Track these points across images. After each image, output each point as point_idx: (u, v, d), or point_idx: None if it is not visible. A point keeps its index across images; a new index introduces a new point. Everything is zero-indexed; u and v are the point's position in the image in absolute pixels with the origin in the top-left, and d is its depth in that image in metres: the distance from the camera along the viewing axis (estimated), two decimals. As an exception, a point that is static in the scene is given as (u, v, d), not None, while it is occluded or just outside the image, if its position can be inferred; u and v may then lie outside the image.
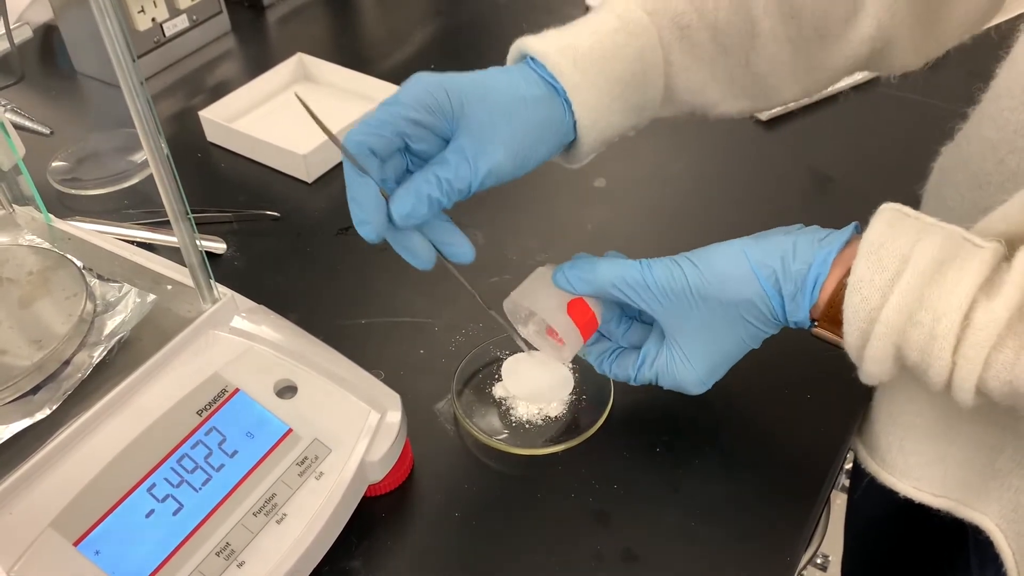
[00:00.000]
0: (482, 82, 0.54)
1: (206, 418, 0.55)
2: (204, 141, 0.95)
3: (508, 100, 0.54)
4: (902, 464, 0.62)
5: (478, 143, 0.52)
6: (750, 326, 0.54)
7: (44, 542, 0.49)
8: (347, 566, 0.57)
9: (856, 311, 0.48)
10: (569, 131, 0.57)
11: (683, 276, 0.54)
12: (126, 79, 0.49)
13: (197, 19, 1.09)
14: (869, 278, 0.48)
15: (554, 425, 0.65)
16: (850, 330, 0.49)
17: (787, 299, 0.52)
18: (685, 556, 0.58)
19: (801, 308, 0.52)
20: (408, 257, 0.56)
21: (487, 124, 0.52)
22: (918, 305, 0.46)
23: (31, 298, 0.59)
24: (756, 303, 0.53)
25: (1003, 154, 0.53)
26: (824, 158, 0.88)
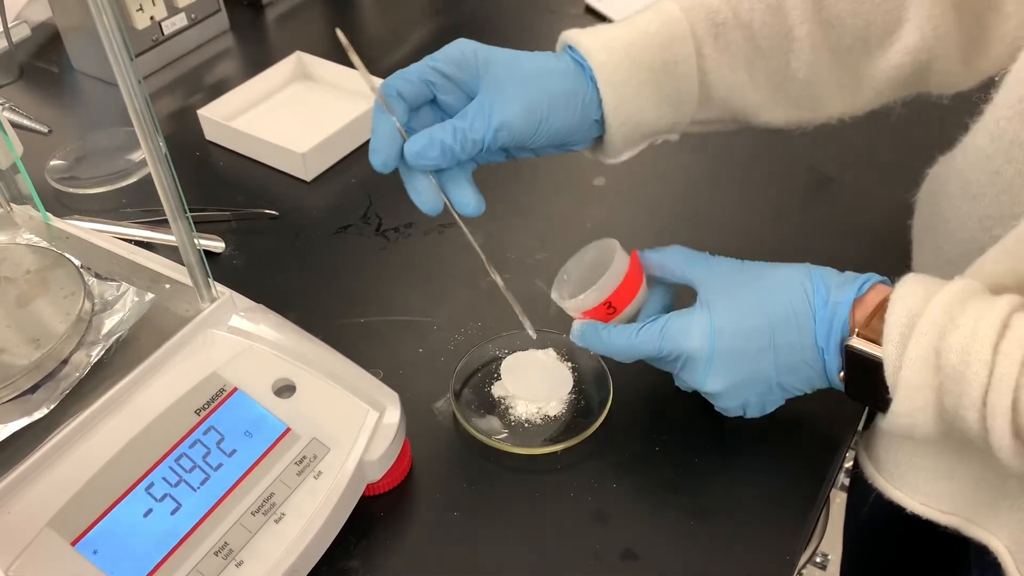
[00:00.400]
0: (513, 53, 0.58)
1: (204, 417, 0.55)
2: (203, 140, 0.95)
3: (532, 68, 0.57)
4: (911, 479, 0.61)
5: (496, 98, 0.55)
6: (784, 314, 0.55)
7: (42, 541, 0.49)
8: (345, 565, 0.57)
9: (898, 317, 0.49)
10: (595, 109, 0.59)
11: (740, 261, 0.58)
12: (124, 77, 0.48)
13: (196, 17, 1.09)
14: (913, 290, 0.49)
15: (553, 425, 0.65)
16: (890, 335, 0.49)
17: (833, 288, 0.54)
18: (684, 555, 0.57)
19: (845, 295, 0.53)
20: (415, 198, 0.57)
21: (507, 83, 0.55)
22: (960, 309, 0.47)
23: (29, 297, 0.59)
24: (801, 288, 0.54)
25: (998, 165, 0.52)
26: (824, 157, 0.88)
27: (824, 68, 0.61)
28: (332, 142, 0.89)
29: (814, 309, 0.54)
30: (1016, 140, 0.51)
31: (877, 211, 0.73)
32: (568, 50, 0.60)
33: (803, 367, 0.55)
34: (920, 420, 0.49)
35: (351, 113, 0.91)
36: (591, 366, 0.67)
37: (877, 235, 0.73)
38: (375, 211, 0.85)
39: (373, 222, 0.84)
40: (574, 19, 1.11)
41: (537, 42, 1.10)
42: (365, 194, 0.87)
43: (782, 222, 0.82)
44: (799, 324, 0.54)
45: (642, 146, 0.64)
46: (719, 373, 0.56)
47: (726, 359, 0.55)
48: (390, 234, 0.82)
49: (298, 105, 0.99)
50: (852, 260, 0.75)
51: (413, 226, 0.83)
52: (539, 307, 0.74)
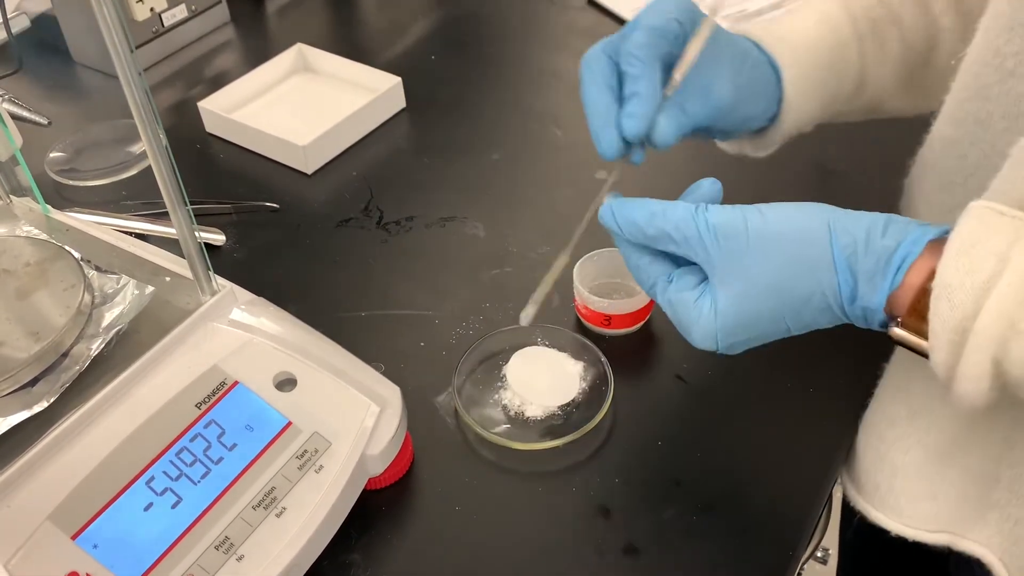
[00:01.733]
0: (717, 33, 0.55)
1: (205, 411, 0.55)
2: (203, 132, 0.94)
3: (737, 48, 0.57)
4: (893, 502, 0.60)
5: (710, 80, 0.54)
6: (805, 303, 0.46)
7: (42, 535, 0.49)
8: (347, 559, 0.57)
9: (944, 321, 0.41)
10: (772, 105, 0.59)
11: (743, 219, 0.47)
12: (124, 69, 0.48)
13: (196, 9, 1.08)
14: (959, 281, 0.41)
15: (555, 419, 0.65)
16: (938, 344, 0.42)
17: (862, 279, 0.45)
18: (686, 550, 0.57)
19: (879, 291, 0.44)
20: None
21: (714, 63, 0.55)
22: (1021, 312, 0.39)
23: (29, 290, 0.58)
24: (819, 275, 0.45)
25: (964, 149, 0.52)
26: (826, 151, 0.88)
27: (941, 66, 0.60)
28: (333, 135, 0.89)
29: (843, 305, 0.46)
30: (976, 119, 0.50)
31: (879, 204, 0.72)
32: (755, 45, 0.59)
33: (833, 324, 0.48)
34: (982, 405, 0.43)
35: (352, 106, 0.91)
36: (593, 360, 0.67)
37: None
38: (376, 204, 0.85)
39: (374, 215, 0.83)
40: (576, 12, 1.11)
41: (539, 35, 1.10)
42: (366, 187, 0.86)
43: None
44: (825, 309, 0.46)
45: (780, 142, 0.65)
46: (728, 351, 0.50)
47: (739, 346, 0.50)
48: (391, 227, 0.82)
49: (299, 97, 0.98)
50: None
51: (414, 219, 0.83)
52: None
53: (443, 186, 0.86)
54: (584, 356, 0.68)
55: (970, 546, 0.58)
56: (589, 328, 0.71)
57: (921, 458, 0.57)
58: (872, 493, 0.62)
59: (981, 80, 0.49)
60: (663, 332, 0.71)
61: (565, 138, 0.91)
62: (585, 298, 0.68)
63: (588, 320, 0.70)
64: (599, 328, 0.70)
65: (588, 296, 0.68)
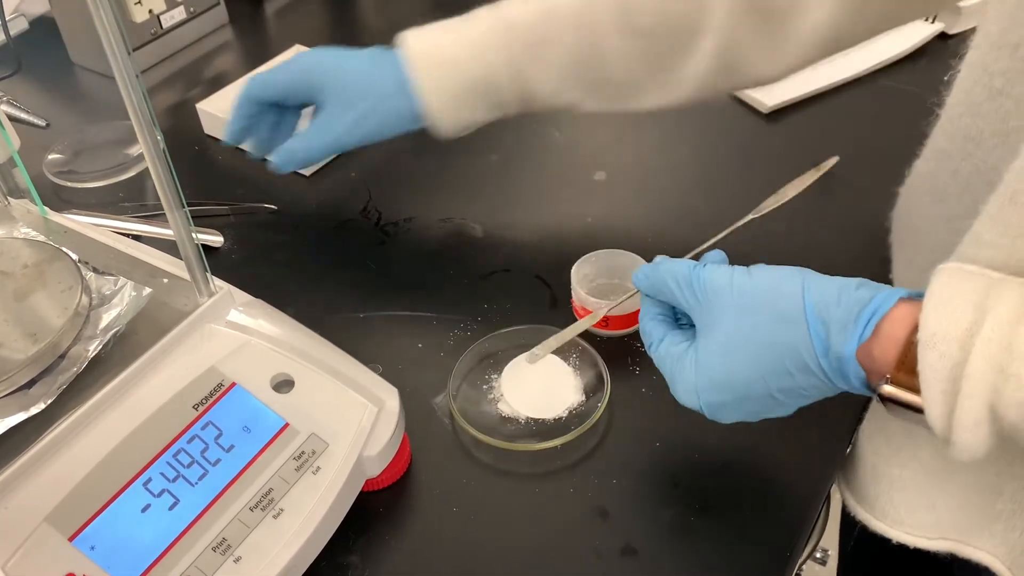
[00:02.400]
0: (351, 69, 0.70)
1: (202, 412, 0.55)
2: (201, 134, 0.94)
3: (364, 90, 0.69)
4: (892, 513, 0.60)
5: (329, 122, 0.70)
6: (780, 359, 0.48)
7: (39, 537, 0.49)
8: (344, 561, 0.57)
9: (936, 371, 0.41)
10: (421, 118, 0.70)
11: (729, 276, 0.50)
12: (121, 71, 0.48)
13: (195, 11, 1.08)
14: (944, 331, 0.41)
15: (552, 420, 0.65)
16: (931, 395, 0.42)
17: (834, 328, 0.46)
18: (684, 551, 0.57)
19: (850, 338, 0.45)
20: None
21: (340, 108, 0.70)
22: (1008, 356, 0.40)
23: (26, 291, 0.58)
24: (792, 328, 0.47)
25: (957, 163, 0.52)
26: (826, 151, 0.88)
27: (637, 72, 0.67)
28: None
29: (817, 358, 0.46)
30: (968, 135, 0.50)
31: (879, 205, 0.72)
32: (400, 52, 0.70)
33: (823, 395, 0.50)
34: (983, 454, 0.43)
35: (350, 107, 0.90)
36: (589, 361, 0.67)
37: (879, 228, 0.73)
38: (374, 205, 0.85)
39: (372, 216, 0.83)
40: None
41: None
42: (364, 188, 0.86)
43: (784, 216, 0.81)
44: (803, 367, 0.47)
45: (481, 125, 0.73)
46: (721, 415, 0.52)
47: (722, 407, 0.51)
48: (389, 228, 0.82)
49: (297, 99, 0.98)
50: (853, 253, 0.75)
51: (412, 220, 0.83)
52: (541, 301, 0.74)
53: (441, 187, 0.86)
54: (581, 357, 0.68)
55: (975, 553, 0.58)
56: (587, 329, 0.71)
57: (919, 472, 0.57)
58: (872, 504, 0.62)
59: (972, 97, 0.50)
60: (661, 333, 0.71)
61: (563, 139, 0.91)
62: (583, 299, 0.68)
63: None
64: (596, 329, 0.70)
65: (586, 297, 0.68)
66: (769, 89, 0.94)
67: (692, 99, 0.69)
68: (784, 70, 0.67)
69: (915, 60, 0.99)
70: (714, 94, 0.70)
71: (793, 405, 0.51)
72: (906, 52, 0.98)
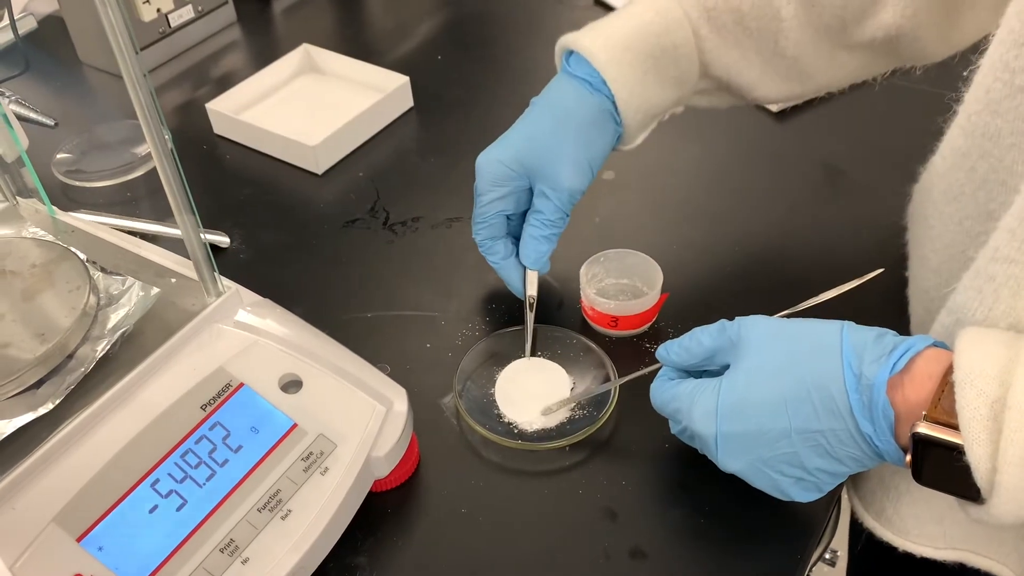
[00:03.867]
0: (528, 134, 0.66)
1: (210, 413, 0.55)
2: (210, 133, 0.94)
3: (554, 127, 0.65)
4: (898, 523, 0.60)
5: (548, 180, 0.65)
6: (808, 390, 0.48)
7: (47, 538, 0.49)
8: (352, 562, 0.57)
9: (975, 408, 0.41)
10: (615, 115, 0.65)
11: (768, 319, 0.53)
12: (128, 71, 0.48)
13: (203, 10, 1.08)
14: (980, 369, 0.41)
15: (560, 421, 0.64)
16: (973, 435, 0.41)
17: (867, 361, 0.46)
18: (693, 554, 0.57)
19: (882, 368, 0.45)
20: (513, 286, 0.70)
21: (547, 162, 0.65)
22: None
23: (34, 291, 0.58)
24: (826, 362, 0.47)
25: (973, 161, 0.52)
26: (836, 151, 0.87)
27: (809, 45, 0.64)
28: (342, 135, 0.89)
29: (847, 390, 0.46)
30: (986, 133, 0.50)
31: (890, 205, 0.72)
32: (568, 56, 0.66)
33: (845, 452, 0.48)
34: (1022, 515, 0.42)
35: (359, 106, 0.90)
36: (596, 361, 0.67)
37: (890, 229, 0.72)
38: (383, 205, 0.84)
39: (381, 216, 0.83)
40: (582, 11, 1.10)
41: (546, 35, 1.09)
42: (372, 188, 0.86)
43: (794, 216, 0.81)
44: (830, 407, 0.47)
45: (653, 126, 0.70)
46: (732, 455, 0.52)
47: (737, 441, 0.51)
48: (398, 228, 0.82)
49: (306, 98, 0.98)
50: (864, 253, 0.75)
51: (421, 220, 0.82)
52: (550, 301, 0.73)
53: (450, 187, 0.86)
54: (587, 357, 0.67)
55: (986, 563, 0.58)
56: (595, 329, 0.70)
57: None
58: (879, 513, 0.61)
59: (992, 94, 0.49)
60: (669, 334, 0.70)
61: (572, 138, 0.91)
62: (592, 299, 0.68)
63: (594, 321, 0.70)
64: (605, 329, 0.70)
65: (595, 297, 0.68)
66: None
67: (853, 80, 0.68)
68: (952, 51, 0.65)
69: (926, 59, 0.98)
70: (872, 74, 0.69)
71: (803, 467, 0.50)
72: (917, 50, 0.98)
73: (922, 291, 0.60)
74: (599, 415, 0.63)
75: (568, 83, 0.66)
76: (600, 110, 0.65)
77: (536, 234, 0.66)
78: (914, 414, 0.44)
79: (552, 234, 0.66)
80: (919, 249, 0.62)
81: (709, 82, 0.68)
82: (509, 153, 0.65)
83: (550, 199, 0.65)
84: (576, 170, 0.64)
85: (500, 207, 0.67)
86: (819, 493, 0.52)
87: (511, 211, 0.67)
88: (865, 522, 0.63)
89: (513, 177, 0.65)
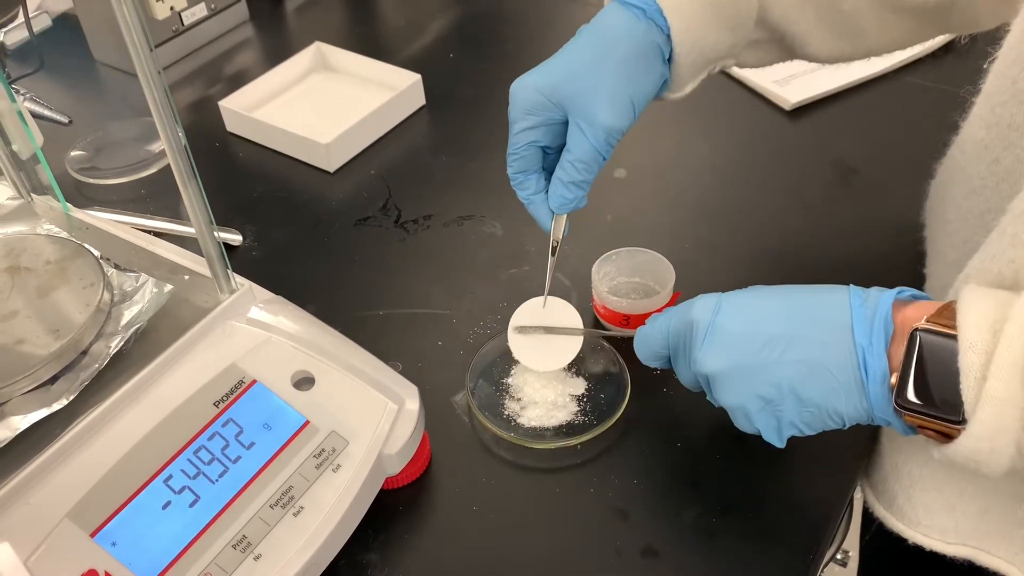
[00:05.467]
0: (568, 61, 0.60)
1: (223, 409, 0.55)
2: (222, 130, 0.94)
3: (596, 56, 0.59)
4: (910, 512, 0.59)
5: (584, 114, 0.58)
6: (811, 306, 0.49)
7: (61, 533, 0.49)
8: (364, 559, 0.57)
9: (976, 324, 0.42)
10: (664, 50, 0.60)
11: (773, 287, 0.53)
12: (143, 68, 0.48)
13: (215, 8, 1.09)
14: (983, 298, 0.43)
15: (571, 419, 0.64)
16: (969, 341, 0.42)
17: (873, 292, 0.48)
18: (705, 553, 0.57)
19: (888, 293, 0.47)
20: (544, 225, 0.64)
21: (584, 94, 0.58)
22: None
23: (49, 287, 0.59)
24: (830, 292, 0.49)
25: (997, 153, 0.51)
26: (849, 149, 0.87)
27: (864, 1, 0.61)
28: (355, 132, 0.89)
29: (851, 307, 0.48)
30: (1012, 124, 0.49)
31: (904, 203, 0.72)
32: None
33: (828, 373, 0.47)
34: (1000, 445, 0.41)
35: (371, 104, 0.91)
36: (609, 359, 0.67)
37: (902, 227, 0.72)
38: (394, 203, 0.84)
39: (392, 214, 0.83)
40: (595, 9, 1.09)
41: (558, 33, 1.09)
42: (384, 185, 0.86)
43: (807, 214, 0.81)
44: (829, 317, 0.48)
45: (702, 76, 0.65)
46: (717, 349, 0.51)
47: (728, 336, 0.50)
48: (409, 226, 0.82)
49: (318, 96, 0.98)
50: (877, 251, 0.75)
51: (432, 218, 0.82)
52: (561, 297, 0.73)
53: (461, 185, 0.86)
54: (600, 355, 0.67)
55: (994, 562, 0.57)
56: (606, 328, 0.70)
57: (939, 471, 0.56)
58: (890, 502, 0.61)
59: (1019, 84, 0.48)
60: (682, 332, 0.70)
61: (584, 136, 0.91)
62: (604, 298, 0.68)
63: (606, 320, 0.70)
64: (618, 328, 0.69)
65: (607, 296, 0.68)
66: (791, 86, 0.93)
67: (900, 46, 0.66)
68: (1001, 20, 0.62)
69: (940, 57, 0.98)
70: (919, 41, 0.66)
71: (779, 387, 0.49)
72: (931, 49, 0.97)
73: (940, 288, 0.60)
74: (610, 415, 0.63)
75: (619, 10, 0.60)
76: (649, 43, 0.59)
77: (565, 177, 0.60)
78: (913, 324, 0.45)
79: (583, 180, 0.60)
80: (937, 245, 0.62)
81: (763, 32, 0.64)
82: (545, 81, 0.59)
83: (585, 136, 0.58)
84: (615, 106, 0.58)
85: (532, 137, 0.60)
86: (777, 436, 0.52)
87: (546, 143, 0.61)
88: (876, 511, 0.62)
89: (547, 107, 0.59)
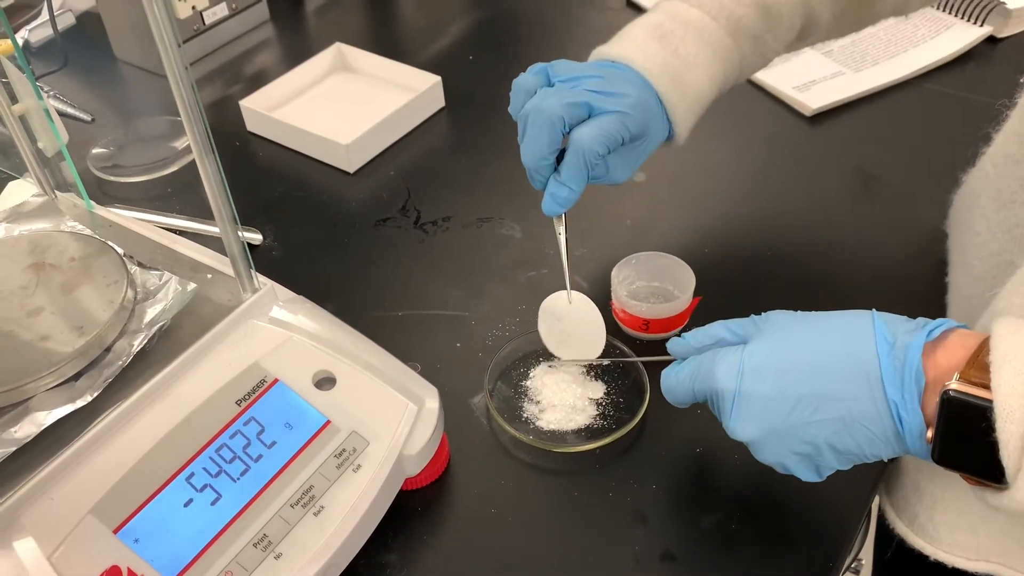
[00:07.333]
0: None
1: (245, 408, 0.55)
2: (242, 130, 0.95)
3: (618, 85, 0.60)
4: (931, 530, 0.59)
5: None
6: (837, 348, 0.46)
7: (84, 528, 0.49)
8: (383, 560, 0.57)
9: (1012, 386, 0.39)
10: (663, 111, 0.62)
11: (799, 313, 0.50)
12: (171, 66, 0.48)
13: (236, 7, 1.09)
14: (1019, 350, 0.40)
15: (590, 422, 0.64)
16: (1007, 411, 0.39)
17: (901, 330, 0.45)
18: (724, 559, 0.57)
19: (917, 336, 0.44)
20: None
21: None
22: None
23: (73, 284, 0.59)
24: (857, 332, 0.46)
25: None
26: (869, 155, 0.87)
27: None
28: (375, 133, 0.89)
29: (879, 356, 0.44)
30: None
31: (925, 210, 0.71)
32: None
33: (862, 427, 0.45)
34: None
35: (391, 105, 0.91)
36: (627, 364, 0.67)
37: (924, 234, 0.72)
38: (414, 204, 0.85)
39: (412, 215, 0.83)
40: (614, 13, 1.10)
41: (577, 36, 1.09)
42: (403, 187, 0.87)
43: (828, 221, 0.80)
44: (858, 372, 0.45)
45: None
46: (747, 418, 0.48)
47: (756, 403, 0.48)
48: (428, 227, 0.82)
49: (338, 97, 0.99)
50: (898, 258, 0.74)
51: (451, 219, 0.82)
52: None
53: (480, 187, 0.86)
54: (618, 360, 0.67)
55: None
56: (626, 332, 0.70)
57: (962, 493, 0.56)
58: (911, 520, 0.61)
59: None
60: (701, 337, 0.70)
61: (603, 140, 0.91)
62: (623, 302, 0.68)
63: (625, 324, 0.70)
64: (636, 332, 0.69)
65: (626, 300, 0.67)
66: (811, 92, 0.93)
67: (914, 8, 0.67)
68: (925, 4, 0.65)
69: (962, 64, 0.97)
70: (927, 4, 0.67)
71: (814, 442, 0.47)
72: (953, 56, 0.97)
73: (963, 298, 0.60)
74: (629, 419, 0.63)
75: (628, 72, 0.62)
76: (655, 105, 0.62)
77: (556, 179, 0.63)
78: (945, 378, 0.42)
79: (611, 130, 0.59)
80: (962, 256, 0.62)
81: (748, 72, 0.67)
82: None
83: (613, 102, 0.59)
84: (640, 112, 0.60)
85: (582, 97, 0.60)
86: (817, 476, 0.50)
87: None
88: (897, 528, 0.62)
89: None
